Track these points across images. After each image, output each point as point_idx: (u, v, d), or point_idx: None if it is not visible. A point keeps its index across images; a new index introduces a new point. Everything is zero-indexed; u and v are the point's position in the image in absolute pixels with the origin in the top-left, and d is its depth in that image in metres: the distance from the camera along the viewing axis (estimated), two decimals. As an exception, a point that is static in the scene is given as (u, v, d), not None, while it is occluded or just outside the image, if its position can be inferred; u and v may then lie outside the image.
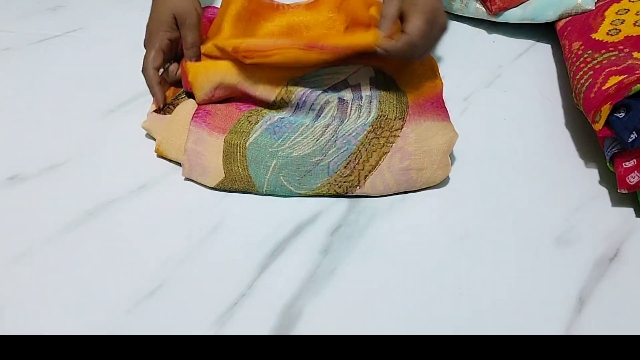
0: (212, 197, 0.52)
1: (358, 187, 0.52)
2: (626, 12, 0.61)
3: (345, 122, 0.53)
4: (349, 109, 0.54)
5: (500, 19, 0.72)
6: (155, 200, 0.51)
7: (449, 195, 0.53)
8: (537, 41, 0.72)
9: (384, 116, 0.53)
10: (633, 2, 0.63)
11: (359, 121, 0.53)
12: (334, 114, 0.54)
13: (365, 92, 0.55)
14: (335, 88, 0.55)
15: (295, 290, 0.45)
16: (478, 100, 0.63)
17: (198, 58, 0.56)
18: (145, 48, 0.57)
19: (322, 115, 0.54)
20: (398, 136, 0.52)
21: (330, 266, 0.47)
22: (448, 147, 0.53)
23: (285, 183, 0.52)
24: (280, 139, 0.53)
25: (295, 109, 0.55)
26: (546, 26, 0.70)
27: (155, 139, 0.55)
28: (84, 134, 0.57)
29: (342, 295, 0.45)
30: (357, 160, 0.52)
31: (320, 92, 0.55)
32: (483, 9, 0.73)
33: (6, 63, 0.67)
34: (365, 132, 0.53)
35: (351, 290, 0.45)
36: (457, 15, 0.76)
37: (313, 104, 0.54)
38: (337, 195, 0.52)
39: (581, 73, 0.56)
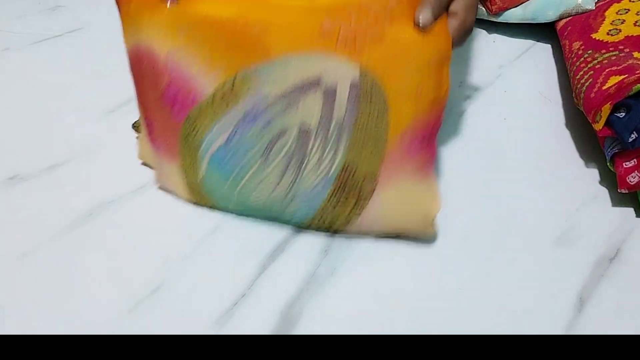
0: (212, 197, 0.52)
1: (328, 232, 0.47)
2: (626, 12, 0.61)
3: (304, 167, 0.43)
4: (310, 143, 0.42)
5: (500, 19, 0.72)
6: (156, 200, 0.51)
7: (449, 196, 0.52)
8: (537, 41, 0.72)
9: (352, 169, 0.43)
10: (633, 2, 0.63)
11: (320, 170, 0.43)
12: (291, 151, 0.42)
13: (339, 109, 0.41)
14: (302, 89, 0.40)
15: (295, 291, 0.45)
16: (478, 100, 0.63)
17: None
18: None
19: (276, 146, 0.42)
20: (367, 205, 0.44)
21: (331, 266, 0.47)
22: (428, 219, 0.45)
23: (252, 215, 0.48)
24: (230, 177, 0.45)
25: (239, 123, 0.42)
26: (546, 26, 0.70)
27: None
28: (84, 134, 0.57)
29: (343, 295, 0.45)
30: (321, 222, 0.46)
31: (277, 110, 0.41)
32: (483, 9, 0.73)
33: (6, 63, 0.67)
34: (327, 193, 0.44)
35: (351, 290, 0.45)
36: (457, 15, 0.76)
37: (265, 127, 0.42)
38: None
39: (581, 73, 0.56)
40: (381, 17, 0.39)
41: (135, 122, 0.56)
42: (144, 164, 0.53)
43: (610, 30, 0.60)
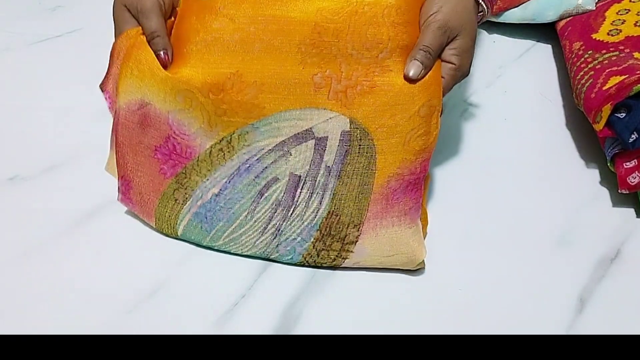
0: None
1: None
2: (627, 12, 0.61)
3: (290, 215, 0.44)
4: (298, 191, 0.43)
5: (501, 19, 0.72)
6: (156, 201, 0.51)
7: (449, 196, 0.53)
8: (538, 41, 0.72)
9: (337, 216, 0.43)
10: (634, 2, 0.63)
11: (305, 217, 0.44)
12: (280, 198, 0.43)
13: (327, 158, 0.42)
14: (295, 139, 0.43)
15: (295, 291, 0.45)
16: (478, 100, 0.63)
17: (167, 49, 0.44)
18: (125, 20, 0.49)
19: (265, 195, 0.43)
20: (351, 252, 0.44)
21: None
22: (414, 263, 0.44)
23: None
24: (213, 231, 0.45)
25: (233, 175, 0.44)
26: (546, 26, 0.70)
27: None
28: (83, 134, 0.57)
29: (343, 295, 0.45)
30: (308, 263, 0.45)
31: (270, 160, 0.43)
32: (483, 9, 0.73)
33: (6, 63, 0.67)
34: (312, 240, 0.44)
35: (352, 290, 0.45)
36: (458, 15, 0.76)
37: (258, 176, 0.43)
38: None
39: (582, 73, 0.56)
40: (372, 67, 0.42)
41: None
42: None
43: (610, 31, 0.60)
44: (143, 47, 0.44)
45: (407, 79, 0.41)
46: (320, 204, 0.43)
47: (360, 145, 0.42)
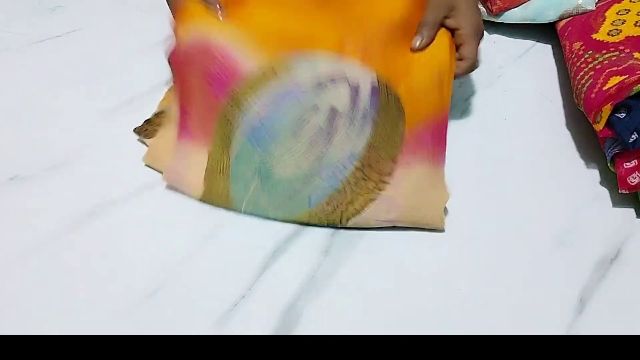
0: (212, 198, 0.52)
1: (339, 225, 0.48)
2: (627, 13, 0.61)
3: (332, 142, 0.48)
4: (340, 122, 0.48)
5: (501, 19, 0.72)
6: (156, 200, 0.51)
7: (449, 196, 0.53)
8: (538, 41, 0.72)
9: (375, 150, 0.48)
10: (634, 2, 0.63)
11: (346, 147, 0.48)
12: (322, 125, 0.48)
13: (363, 102, 0.48)
14: (333, 81, 0.48)
15: (295, 291, 0.45)
16: (478, 100, 0.63)
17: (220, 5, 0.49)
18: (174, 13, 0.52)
19: (308, 120, 0.47)
20: (388, 183, 0.48)
21: (331, 267, 0.46)
22: (439, 208, 0.48)
23: (265, 205, 0.49)
24: (261, 149, 0.48)
25: (277, 99, 0.47)
26: (547, 26, 0.70)
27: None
28: (84, 134, 0.57)
29: (343, 296, 0.45)
30: (341, 200, 0.48)
31: (311, 92, 0.48)
32: (483, 9, 0.73)
33: (6, 63, 0.67)
34: (352, 168, 0.48)
35: (352, 291, 0.45)
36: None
37: (300, 102, 0.47)
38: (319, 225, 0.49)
39: (582, 73, 0.56)
40: (395, 35, 0.50)
41: (138, 127, 0.56)
42: (148, 166, 0.53)
43: (610, 31, 0.60)
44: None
45: (414, 50, 0.49)
46: (360, 138, 0.48)
47: (388, 94, 0.49)
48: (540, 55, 0.70)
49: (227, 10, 0.49)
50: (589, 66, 0.56)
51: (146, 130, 0.55)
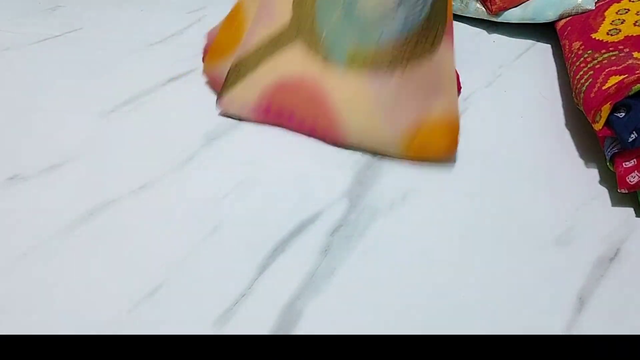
0: (212, 197, 0.52)
1: (400, 70, 0.53)
2: (626, 12, 0.61)
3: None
4: None
5: (501, 19, 0.72)
6: (155, 200, 0.51)
7: (449, 195, 0.53)
8: (537, 41, 0.72)
9: (434, 14, 0.54)
10: (633, 2, 0.63)
11: (415, 9, 0.54)
12: None
13: None
14: None
15: (295, 290, 0.45)
16: (478, 100, 0.63)
17: None
18: None
19: None
20: (438, 50, 0.54)
21: (331, 266, 0.47)
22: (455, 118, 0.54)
23: (344, 30, 0.54)
24: None
25: None
26: (546, 26, 0.70)
27: None
28: (84, 134, 0.57)
29: (342, 295, 0.45)
30: (407, 44, 0.53)
31: None
32: (483, 9, 0.73)
33: (6, 63, 0.67)
34: (423, 17, 0.54)
35: (351, 290, 0.45)
36: (457, 15, 0.76)
37: None
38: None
39: (581, 73, 0.56)
40: None
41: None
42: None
43: (610, 30, 0.60)
44: None
45: None
46: (423, 9, 0.53)
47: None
48: (539, 55, 0.70)
49: None
50: (589, 66, 0.56)
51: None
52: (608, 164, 0.52)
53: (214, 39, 0.58)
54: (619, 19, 0.61)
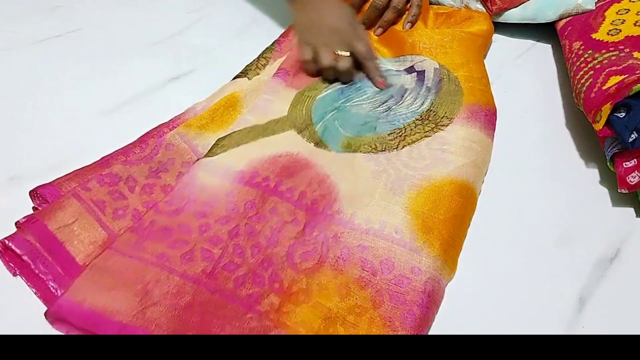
0: (212, 197, 0.52)
1: (395, 151, 0.54)
2: (626, 12, 0.61)
3: (399, 104, 0.60)
4: (406, 95, 0.61)
5: (501, 19, 0.72)
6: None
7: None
8: (538, 41, 0.72)
9: (434, 112, 0.58)
10: (633, 2, 0.63)
11: (411, 107, 0.59)
12: (393, 94, 0.61)
13: (427, 83, 0.62)
14: (404, 70, 0.64)
15: (295, 290, 0.45)
16: (478, 100, 0.63)
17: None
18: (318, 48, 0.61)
19: (383, 90, 0.61)
20: (443, 130, 0.56)
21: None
22: (485, 161, 0.54)
23: (337, 125, 0.57)
24: (345, 98, 0.61)
25: (366, 77, 0.63)
26: (546, 26, 0.70)
27: None
28: (84, 134, 0.57)
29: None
30: (401, 133, 0.56)
31: (386, 70, 0.64)
32: (483, 9, 0.73)
33: (6, 63, 0.67)
34: (413, 119, 0.58)
35: (351, 290, 0.45)
36: (457, 15, 0.76)
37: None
38: (375, 152, 0.54)
39: (581, 73, 0.56)
40: (446, 41, 0.66)
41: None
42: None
43: (610, 30, 0.60)
44: None
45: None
46: (422, 104, 0.59)
47: (449, 76, 0.62)
48: (540, 55, 0.70)
49: None
50: (589, 66, 0.56)
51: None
52: (608, 164, 0.52)
53: (199, 114, 0.58)
54: (619, 19, 0.61)
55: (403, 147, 0.54)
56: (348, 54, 0.61)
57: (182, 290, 0.43)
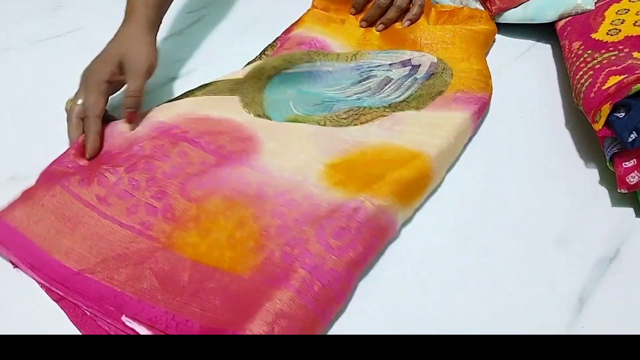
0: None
1: (343, 128, 0.54)
2: (626, 12, 0.61)
3: (374, 95, 0.58)
4: (387, 86, 0.60)
5: (500, 19, 0.72)
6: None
7: (449, 196, 0.53)
8: (537, 41, 0.72)
9: (407, 103, 0.57)
10: (633, 2, 0.63)
11: (386, 99, 0.58)
12: (371, 87, 0.60)
13: (417, 75, 0.61)
14: (399, 63, 0.64)
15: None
16: (478, 100, 0.63)
17: (136, 109, 0.54)
18: (81, 86, 0.56)
19: (362, 82, 0.60)
20: (403, 111, 0.56)
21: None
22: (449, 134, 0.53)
23: (291, 106, 0.57)
24: (310, 83, 0.60)
25: (347, 69, 0.63)
26: (546, 26, 0.70)
27: None
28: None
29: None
30: (357, 112, 0.56)
31: (377, 66, 0.63)
32: (483, 9, 0.73)
33: (6, 63, 0.67)
34: (381, 106, 0.57)
35: (351, 290, 0.45)
36: (457, 15, 0.76)
37: (363, 72, 0.62)
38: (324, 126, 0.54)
39: (581, 73, 0.56)
40: (447, 37, 0.66)
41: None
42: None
43: (610, 30, 0.60)
44: None
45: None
46: (401, 95, 0.58)
47: (443, 69, 0.62)
48: (539, 55, 0.70)
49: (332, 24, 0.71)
50: (588, 66, 0.56)
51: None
52: (608, 164, 0.52)
53: None
54: (618, 19, 0.61)
55: (354, 125, 0.54)
56: None
57: (78, 212, 0.46)
